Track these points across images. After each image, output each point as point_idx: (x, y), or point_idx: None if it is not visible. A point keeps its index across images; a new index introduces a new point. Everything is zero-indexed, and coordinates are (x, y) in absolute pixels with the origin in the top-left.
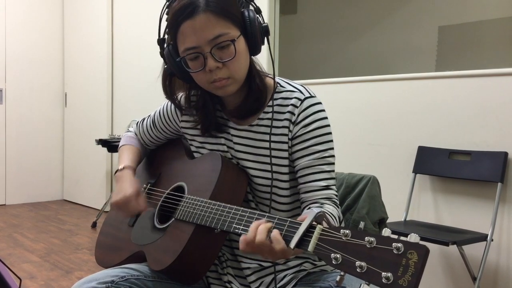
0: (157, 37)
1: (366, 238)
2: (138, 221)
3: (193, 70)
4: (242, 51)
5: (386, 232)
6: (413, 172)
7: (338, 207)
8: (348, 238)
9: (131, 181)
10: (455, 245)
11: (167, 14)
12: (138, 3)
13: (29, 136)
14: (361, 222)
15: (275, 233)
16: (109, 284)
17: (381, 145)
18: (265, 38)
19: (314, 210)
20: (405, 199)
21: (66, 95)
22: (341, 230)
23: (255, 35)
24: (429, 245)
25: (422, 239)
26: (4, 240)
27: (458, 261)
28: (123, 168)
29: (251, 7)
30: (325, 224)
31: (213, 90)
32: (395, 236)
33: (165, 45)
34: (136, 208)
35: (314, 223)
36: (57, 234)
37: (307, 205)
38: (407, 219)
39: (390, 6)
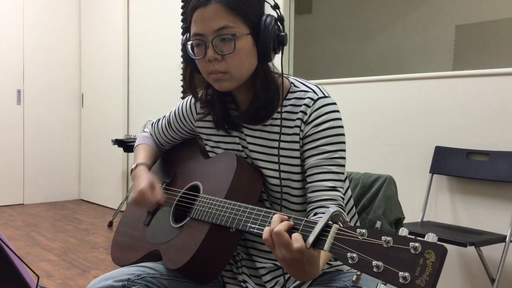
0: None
1: (383, 238)
2: (154, 220)
3: (196, 57)
4: (244, 49)
5: (403, 231)
6: (430, 172)
7: (344, 211)
8: (365, 237)
9: (144, 175)
10: (472, 246)
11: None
12: (154, 3)
13: (46, 137)
14: (378, 222)
15: (296, 234)
16: (125, 282)
17: (397, 145)
18: (281, 48)
19: (330, 209)
20: (422, 200)
21: (82, 95)
22: (358, 229)
23: (265, 40)
24: (446, 246)
25: (439, 240)
26: (22, 239)
27: (476, 262)
28: (136, 166)
29: (274, 14)
30: (341, 224)
31: (211, 82)
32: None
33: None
34: (152, 200)
35: (330, 222)
36: (74, 233)
37: (313, 208)
38: (424, 220)
39: (407, 5)
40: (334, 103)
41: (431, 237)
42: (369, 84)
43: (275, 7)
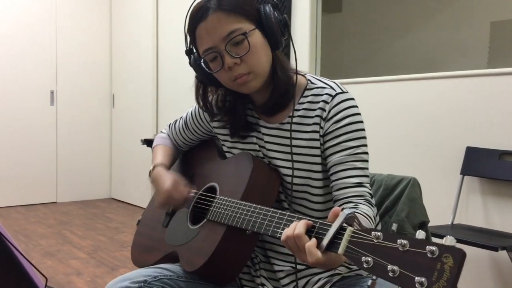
0: (185, 49)
1: (399, 241)
2: (172, 221)
3: (214, 70)
4: (257, 44)
5: (420, 234)
6: (461, 173)
7: (373, 206)
8: (380, 240)
9: (164, 175)
10: (504, 251)
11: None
12: (183, 5)
13: (78, 137)
14: (394, 224)
15: (314, 241)
16: (142, 283)
17: (427, 145)
18: (286, 30)
19: (345, 211)
20: (452, 202)
21: (113, 96)
22: (373, 232)
23: (272, 28)
24: (477, 250)
25: (469, 243)
26: (54, 236)
27: (508, 267)
28: (154, 167)
29: (268, 3)
30: (356, 226)
31: (237, 88)
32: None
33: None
34: (180, 198)
35: (344, 224)
36: (104, 232)
37: (340, 205)
38: (454, 223)
39: (439, 1)
40: (353, 98)
41: (449, 240)
42: (399, 83)
43: None
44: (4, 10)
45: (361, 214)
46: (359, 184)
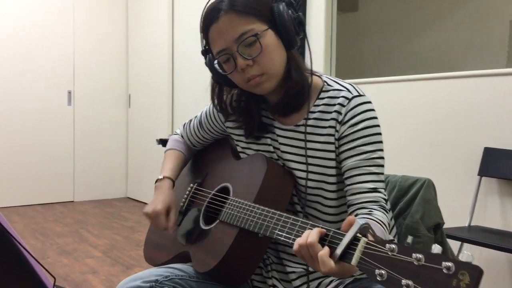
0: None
1: (414, 255)
2: (185, 220)
3: (228, 72)
4: (270, 44)
5: (435, 248)
6: (478, 174)
7: (388, 212)
8: (394, 253)
9: (165, 195)
10: None
11: None
12: (198, 7)
13: (95, 136)
14: (409, 237)
15: (326, 250)
16: (153, 283)
17: (444, 146)
18: (301, 29)
19: (359, 221)
20: (469, 203)
21: (129, 96)
22: (387, 244)
23: (285, 27)
24: (495, 252)
25: (487, 246)
26: (70, 235)
27: None
28: (163, 178)
29: (282, 1)
30: (370, 237)
31: (251, 89)
32: (454, 245)
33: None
34: (162, 225)
35: (358, 235)
36: (120, 231)
37: (354, 210)
38: (471, 224)
39: (457, 0)
40: (369, 102)
41: (465, 256)
42: (415, 82)
43: None
44: (22, 12)
45: (375, 221)
46: (374, 190)
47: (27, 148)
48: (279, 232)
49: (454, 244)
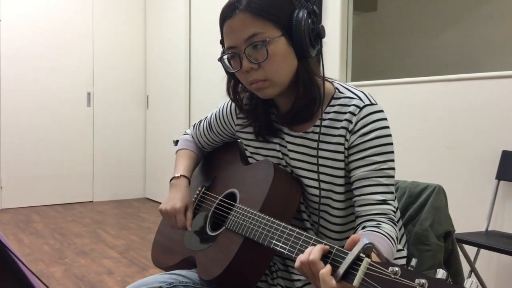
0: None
1: (417, 281)
2: (192, 224)
3: (234, 69)
4: (279, 52)
5: (439, 273)
6: (496, 178)
7: (396, 225)
8: (397, 277)
9: (183, 193)
10: None
11: None
12: (215, 9)
13: (114, 137)
14: (413, 259)
15: (328, 268)
16: None
17: (461, 148)
18: (318, 42)
19: (363, 240)
20: (487, 208)
21: (147, 97)
22: (390, 267)
23: (300, 37)
24: None
25: (505, 252)
26: (88, 235)
27: None
28: (180, 176)
29: (305, 9)
30: (374, 257)
31: (254, 91)
32: (471, 251)
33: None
34: (180, 223)
35: (361, 254)
36: (137, 231)
37: (362, 221)
38: (489, 229)
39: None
40: (381, 111)
41: (469, 284)
42: (432, 84)
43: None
44: (42, 14)
45: (383, 234)
46: (383, 202)
47: (48, 149)
48: (282, 245)
49: (470, 250)
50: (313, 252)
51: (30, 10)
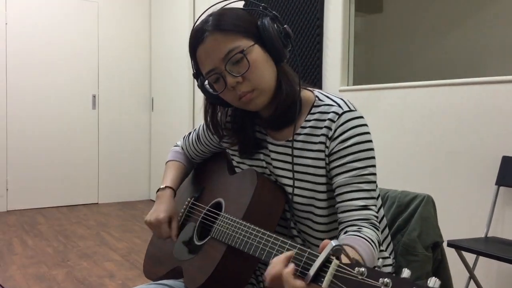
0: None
1: (381, 280)
2: (181, 235)
3: (219, 91)
4: (258, 59)
5: (404, 272)
6: (496, 184)
7: (378, 230)
8: (364, 277)
9: (167, 204)
10: None
11: None
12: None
13: (119, 139)
14: (380, 260)
15: (290, 268)
16: None
17: (461, 154)
18: (289, 41)
19: (332, 242)
20: (486, 214)
21: (152, 100)
22: (356, 268)
23: (271, 41)
24: None
25: (504, 260)
26: (92, 238)
27: None
28: (165, 187)
29: (267, 17)
30: (344, 259)
31: (244, 106)
32: (470, 258)
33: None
34: (165, 234)
35: (331, 257)
36: (140, 234)
37: (344, 227)
38: (488, 236)
39: (484, 1)
40: (361, 117)
41: (432, 282)
42: (432, 88)
43: (264, 8)
44: (48, 18)
45: (364, 238)
46: (364, 207)
47: (54, 151)
48: (267, 254)
49: (469, 257)
50: (276, 264)
51: (36, 14)
